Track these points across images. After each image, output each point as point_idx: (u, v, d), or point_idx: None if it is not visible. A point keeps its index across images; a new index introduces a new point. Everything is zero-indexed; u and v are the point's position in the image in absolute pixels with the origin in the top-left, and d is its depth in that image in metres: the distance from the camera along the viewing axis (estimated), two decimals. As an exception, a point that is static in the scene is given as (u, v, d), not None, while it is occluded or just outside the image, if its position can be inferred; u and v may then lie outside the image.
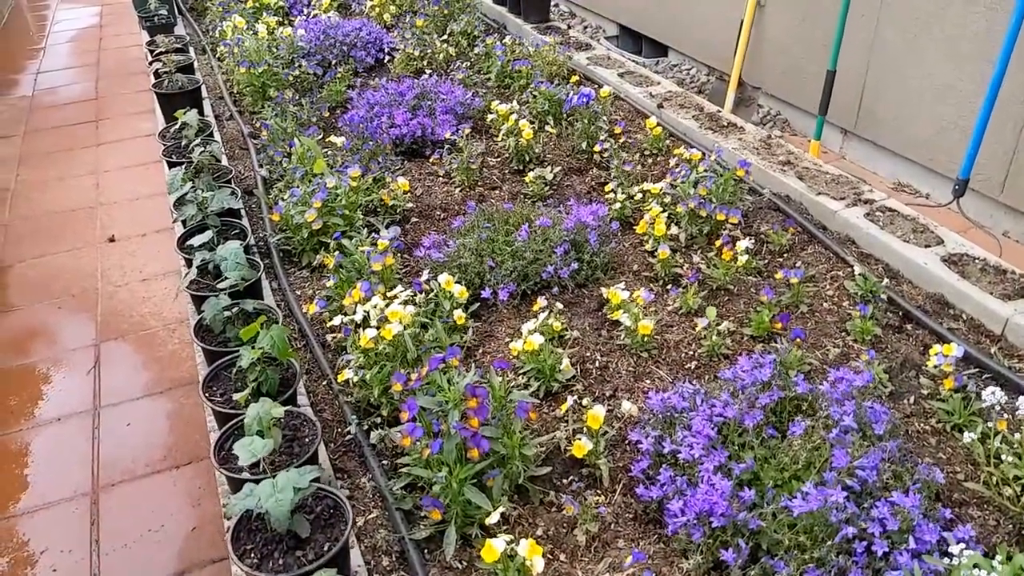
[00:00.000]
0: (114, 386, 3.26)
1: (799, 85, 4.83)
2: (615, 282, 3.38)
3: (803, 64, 4.75)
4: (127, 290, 3.91)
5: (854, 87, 4.40)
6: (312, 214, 3.42)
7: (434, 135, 4.58)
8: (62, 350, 3.51)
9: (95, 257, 4.18)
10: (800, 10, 4.69)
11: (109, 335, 3.57)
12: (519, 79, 5.23)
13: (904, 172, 4.33)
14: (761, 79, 5.14)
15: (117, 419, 3.09)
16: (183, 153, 3.95)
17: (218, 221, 3.15)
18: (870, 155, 4.51)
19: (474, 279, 3.29)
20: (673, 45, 6.07)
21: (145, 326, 3.63)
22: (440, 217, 4.00)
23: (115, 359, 3.44)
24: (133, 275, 4.01)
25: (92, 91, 6.37)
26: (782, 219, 3.79)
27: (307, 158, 4.00)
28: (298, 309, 3.25)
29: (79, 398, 3.21)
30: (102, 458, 2.91)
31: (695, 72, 5.93)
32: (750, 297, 3.27)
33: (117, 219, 4.51)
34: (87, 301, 3.84)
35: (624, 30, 6.50)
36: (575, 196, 4.12)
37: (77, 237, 4.38)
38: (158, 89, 4.73)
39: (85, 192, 4.83)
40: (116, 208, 4.64)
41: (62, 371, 3.39)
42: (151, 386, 3.26)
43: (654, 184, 3.90)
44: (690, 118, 4.67)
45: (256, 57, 5.00)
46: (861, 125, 4.44)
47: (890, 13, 4.12)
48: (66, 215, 4.60)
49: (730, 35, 5.25)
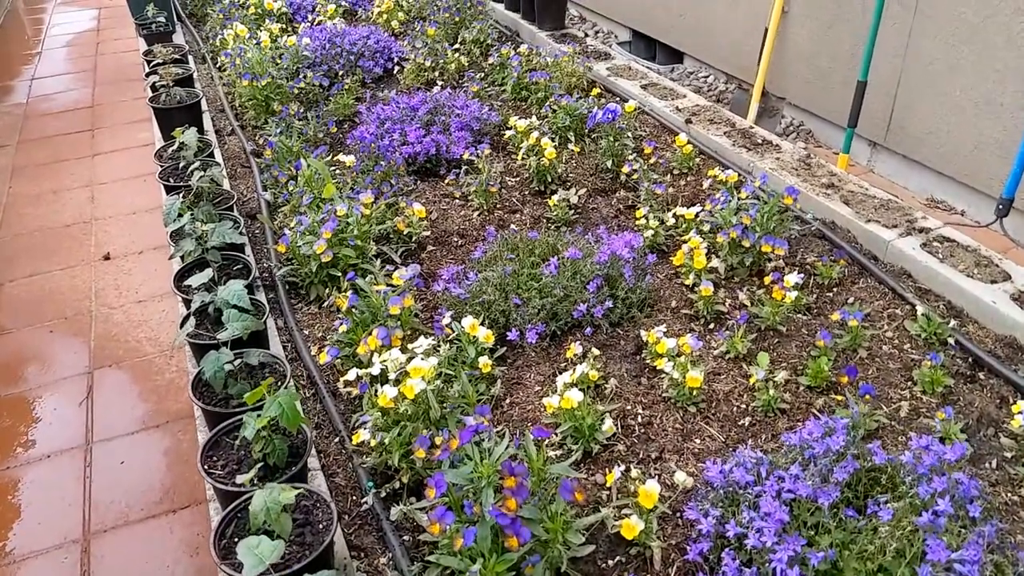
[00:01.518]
0: (108, 419, 3.06)
1: (825, 95, 4.60)
2: (652, 320, 3.10)
3: (829, 73, 4.52)
4: (122, 312, 3.69)
5: (885, 98, 4.18)
6: (321, 245, 3.14)
7: (449, 153, 4.29)
8: (53, 378, 3.30)
9: (89, 276, 3.97)
10: (826, 17, 4.47)
11: (103, 362, 3.37)
12: (536, 92, 4.95)
13: (937, 188, 4.10)
14: (784, 89, 4.89)
15: (110, 456, 2.89)
16: (181, 176, 3.66)
17: (219, 256, 2.86)
18: (900, 169, 4.28)
19: (498, 318, 3.01)
20: (689, 52, 5.83)
21: (141, 352, 3.40)
22: (458, 244, 3.71)
23: (109, 389, 3.23)
24: (129, 296, 3.80)
25: (88, 98, 6.14)
26: (829, 248, 3.50)
27: (315, 180, 3.72)
28: (307, 352, 2.96)
29: (71, 432, 3.01)
30: (94, 500, 2.72)
31: (712, 80, 5.67)
32: (802, 339, 2.98)
33: (113, 235, 4.31)
34: (80, 324, 3.62)
35: (637, 35, 6.26)
36: (602, 220, 3.84)
37: (71, 255, 4.17)
38: (155, 104, 4.45)
39: (80, 206, 4.61)
40: (112, 223, 4.42)
41: (53, 401, 3.18)
42: (147, 419, 3.05)
43: (688, 208, 3.62)
44: (721, 135, 4.39)
45: (259, 69, 4.72)
46: (892, 138, 4.22)
47: (926, 22, 3.89)
48: (60, 231, 4.38)
49: (751, 42, 5.02)
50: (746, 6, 5.05)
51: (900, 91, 4.09)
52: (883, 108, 4.21)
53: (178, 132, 3.60)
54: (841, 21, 4.38)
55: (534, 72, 5.01)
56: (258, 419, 1.98)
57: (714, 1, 5.32)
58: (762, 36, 4.81)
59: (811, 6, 4.55)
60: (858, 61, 4.20)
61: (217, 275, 2.90)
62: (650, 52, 6.18)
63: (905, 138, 4.14)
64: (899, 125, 4.15)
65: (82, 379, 3.29)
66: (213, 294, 2.62)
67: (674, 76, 5.80)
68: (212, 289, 2.67)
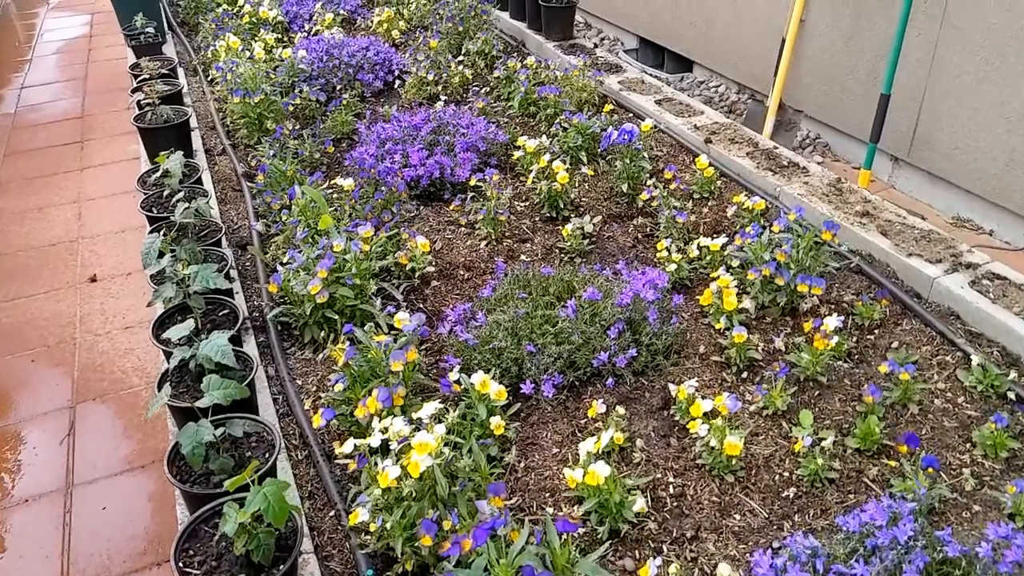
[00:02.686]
0: (90, 458, 2.86)
1: (843, 108, 4.38)
2: (679, 369, 2.83)
3: (849, 85, 4.30)
4: (108, 340, 3.46)
5: (908, 112, 3.95)
6: (316, 285, 2.86)
7: (454, 176, 4.02)
8: (34, 412, 3.09)
9: (75, 300, 3.74)
10: (846, 27, 4.24)
11: (86, 395, 3.16)
12: (546, 108, 4.68)
13: (964, 206, 3.86)
14: (800, 101, 4.67)
15: (92, 501, 2.69)
16: (166, 205, 3.39)
17: (202, 302, 2.59)
18: (924, 186, 4.05)
19: (510, 367, 2.74)
20: (700, 60, 5.59)
21: (126, 384, 3.18)
22: (464, 278, 3.44)
23: (92, 425, 3.02)
24: (115, 322, 3.58)
25: (78, 108, 5.92)
26: (867, 284, 3.23)
27: (310, 209, 3.45)
28: (300, 407, 2.69)
29: (51, 474, 2.80)
30: (73, 552, 2.50)
31: (724, 90, 5.42)
32: (845, 391, 2.71)
33: (100, 255, 4.07)
34: (63, 353, 3.40)
35: (644, 43, 6.03)
36: (619, 250, 3.57)
37: (56, 276, 3.95)
38: (140, 123, 4.17)
39: (66, 224, 4.39)
40: (99, 242, 4.20)
41: (33, 439, 2.98)
42: (131, 459, 2.84)
43: (712, 239, 3.35)
44: (744, 155, 4.12)
45: (252, 85, 4.45)
46: (915, 153, 3.99)
47: (953, 32, 3.65)
48: (45, 251, 4.16)
49: (765, 52, 4.79)
50: (760, 14, 4.84)
51: (925, 104, 3.88)
52: (906, 122, 3.99)
53: (162, 157, 3.32)
54: (861, 31, 4.16)
55: (542, 86, 4.74)
56: (240, 511, 1.71)
57: (726, 9, 5.10)
58: (778, 47, 4.56)
59: (830, 15, 4.33)
60: (880, 72, 3.99)
61: (200, 322, 2.63)
62: (657, 60, 5.94)
63: (930, 154, 3.93)
64: (923, 140, 3.94)
65: (64, 414, 3.07)
66: (195, 347, 2.34)
67: (684, 85, 5.55)
68: (193, 341, 2.40)
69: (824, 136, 4.68)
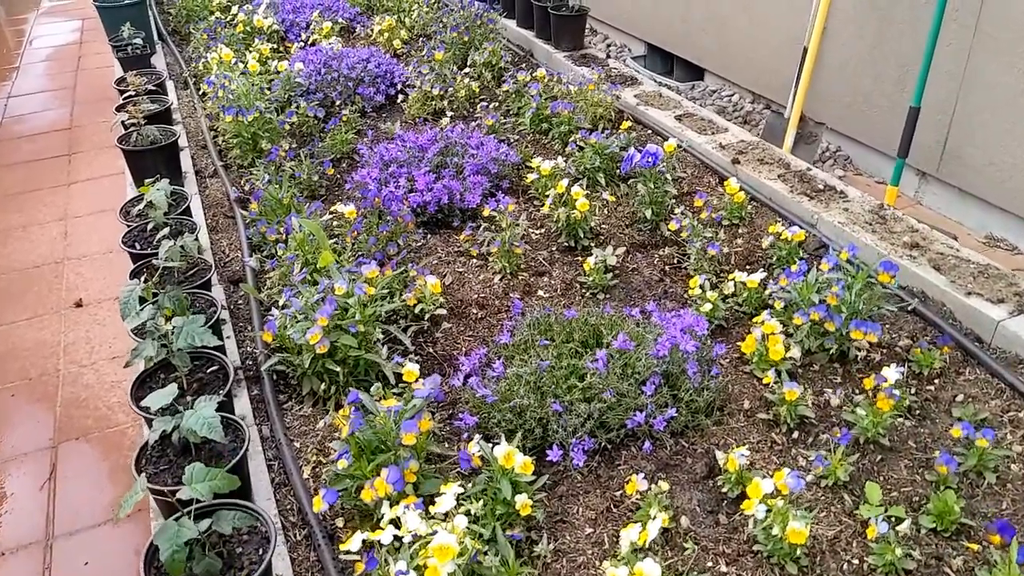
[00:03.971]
0: (72, 506, 2.63)
1: (867, 120, 4.16)
2: (723, 429, 2.53)
3: (873, 97, 4.08)
4: (93, 372, 3.22)
5: (938, 125, 3.73)
6: (316, 334, 2.56)
7: (463, 202, 3.72)
8: (13, 453, 2.86)
9: (58, 327, 3.49)
10: (870, 36, 4.00)
11: (69, 433, 2.93)
12: (559, 125, 4.38)
13: (997, 224, 3.64)
14: (820, 112, 4.42)
15: (73, 555, 2.47)
16: (150, 240, 3.09)
17: (187, 359, 2.28)
18: (953, 202, 3.83)
19: (534, 427, 2.44)
20: (712, 68, 5.34)
21: (111, 421, 2.95)
22: (477, 316, 3.14)
23: (75, 467, 2.79)
24: (102, 351, 3.34)
25: (67, 119, 5.65)
26: (922, 327, 2.94)
27: (308, 243, 3.15)
28: (297, 475, 2.39)
29: (29, 524, 2.58)
30: None
31: (738, 99, 5.16)
32: (910, 455, 2.42)
33: (86, 278, 3.82)
34: (46, 387, 3.16)
35: (652, 49, 5.78)
36: (644, 285, 3.28)
37: (39, 301, 3.69)
38: (124, 144, 3.87)
39: (51, 244, 4.12)
40: (86, 264, 3.93)
41: (12, 483, 2.74)
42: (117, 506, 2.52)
43: (747, 273, 3.06)
44: (775, 178, 3.82)
45: (245, 102, 4.15)
46: (945, 169, 3.77)
47: (987, 42, 3.41)
48: (28, 273, 3.90)
49: (783, 61, 4.56)
50: (777, 21, 4.60)
51: (956, 118, 3.65)
52: (935, 136, 3.76)
53: (146, 187, 3.02)
54: (887, 40, 3.92)
55: (555, 102, 4.44)
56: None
57: (740, 15, 4.85)
58: (797, 55, 4.32)
59: (853, 24, 4.09)
60: (906, 83, 3.78)
61: (186, 381, 2.32)
62: (666, 66, 5.70)
63: (960, 169, 3.70)
64: (954, 155, 3.71)
65: (45, 455, 2.84)
66: (178, 418, 2.04)
67: (695, 94, 5.29)
68: (177, 409, 2.10)
69: (845, 149, 4.46)
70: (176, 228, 3.13)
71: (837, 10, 4.10)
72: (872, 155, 4.25)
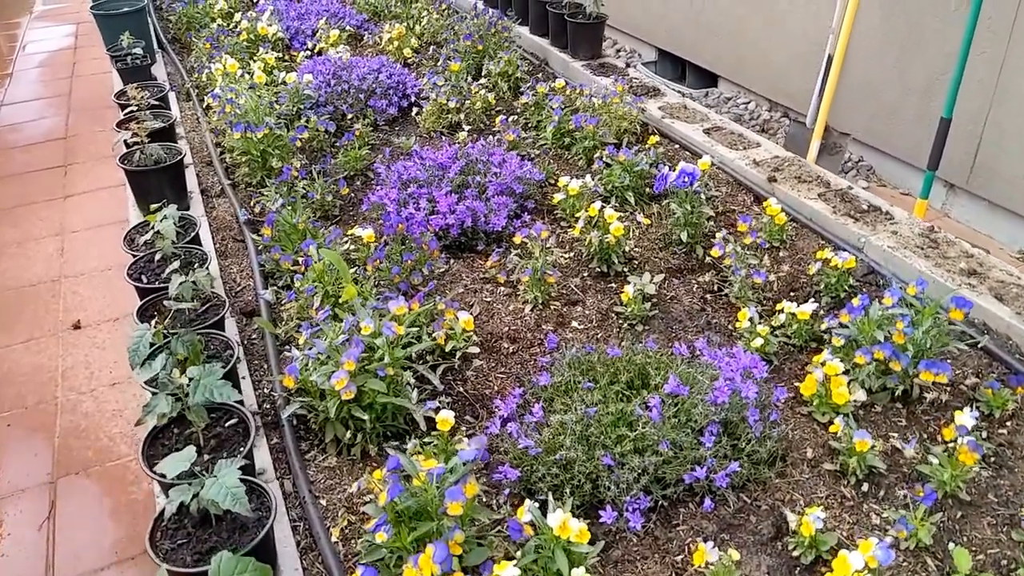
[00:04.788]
0: (73, 548, 2.45)
1: (891, 130, 4.02)
2: (787, 481, 2.33)
3: (898, 106, 3.95)
4: (93, 399, 3.03)
5: (968, 136, 3.60)
6: (342, 379, 2.35)
7: (488, 224, 3.51)
8: (9, 489, 2.69)
9: (56, 351, 3.30)
10: (897, 41, 3.87)
11: (69, 467, 2.75)
12: (583, 140, 4.18)
13: None
14: (844, 122, 4.26)
15: None
16: (158, 272, 2.87)
17: (204, 414, 2.07)
18: (983, 215, 3.70)
19: (582, 482, 2.23)
20: (726, 75, 5.18)
21: (113, 453, 2.78)
22: (509, 351, 2.94)
23: (75, 505, 2.61)
24: (102, 377, 3.14)
25: (62, 127, 5.43)
26: (987, 362, 2.75)
27: (328, 272, 2.94)
28: (325, 538, 2.18)
29: (28, 568, 2.39)
30: None
31: (754, 107, 5.00)
32: (991, 511, 2.22)
33: (84, 297, 3.63)
34: (44, 416, 2.97)
35: (663, 55, 5.61)
36: (685, 315, 3.08)
37: (36, 323, 3.49)
38: (127, 165, 3.65)
39: (47, 261, 3.92)
40: (84, 282, 3.73)
41: (8, 523, 2.56)
42: (119, 548, 2.44)
43: (796, 303, 2.86)
44: (815, 197, 3.63)
45: (254, 118, 3.93)
46: (975, 181, 3.63)
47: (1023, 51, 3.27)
48: (24, 293, 3.70)
49: (803, 68, 4.41)
50: (796, 26, 4.44)
51: (987, 129, 3.52)
52: (966, 147, 3.62)
53: (153, 216, 2.81)
54: (914, 46, 3.77)
55: (577, 115, 4.24)
56: None
57: (757, 19, 4.69)
58: (819, 63, 4.15)
59: (879, 31, 3.94)
60: (934, 93, 3.68)
61: (202, 438, 2.11)
62: (677, 72, 5.53)
63: (992, 181, 3.56)
64: (985, 166, 3.56)
65: (43, 491, 2.66)
66: (197, 484, 1.83)
67: (709, 102, 5.11)
68: (194, 472, 1.89)
69: (868, 159, 4.32)
70: (185, 258, 2.91)
71: (861, 17, 3.93)
72: (896, 166, 4.11)
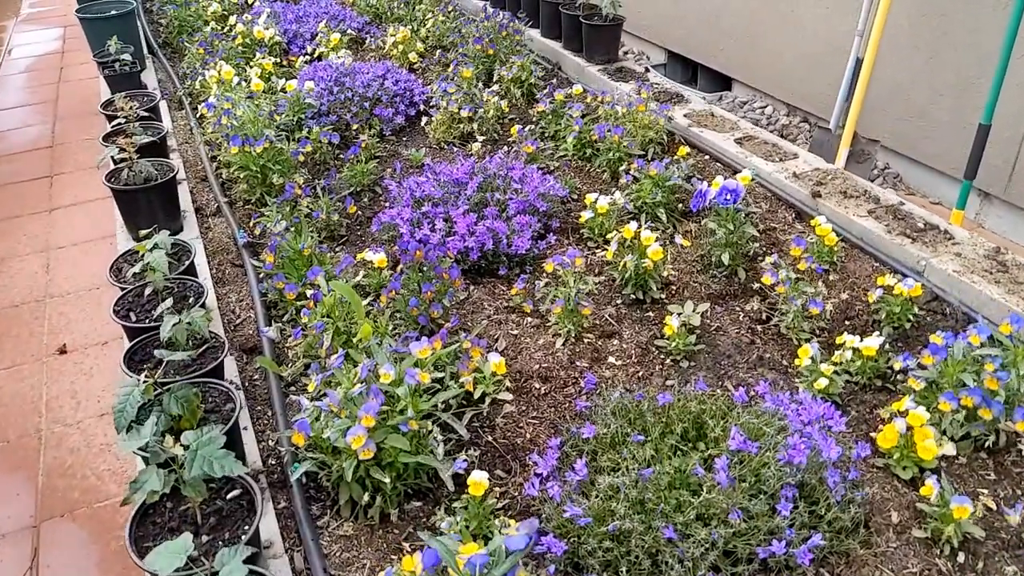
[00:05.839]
0: None
1: (921, 136, 3.80)
2: (873, 553, 2.03)
3: (930, 111, 3.72)
4: (79, 432, 2.80)
5: (1006, 144, 3.39)
6: (360, 436, 2.05)
7: (510, 247, 3.21)
8: None
9: (40, 378, 3.06)
10: (928, 45, 3.63)
11: (54, 509, 2.51)
12: (607, 151, 3.88)
13: None
14: (871, 128, 4.00)
15: None
16: (149, 309, 2.55)
17: (202, 489, 1.76)
18: (1019, 225, 3.52)
19: (640, 557, 1.93)
20: (741, 78, 4.93)
21: (102, 493, 2.55)
22: (540, 392, 2.63)
23: (60, 553, 2.38)
24: (89, 407, 2.90)
25: (48, 135, 5.15)
26: (1080, 404, 2.46)
27: (338, 305, 2.63)
28: (346, 630, 1.87)
29: None
30: None
31: (772, 112, 4.75)
32: (1114, 588, 1.93)
33: (71, 319, 3.37)
34: (26, 451, 2.73)
35: (673, 57, 5.37)
36: (734, 348, 2.78)
37: (18, 347, 3.23)
38: (114, 183, 3.33)
39: (32, 280, 3.65)
40: (70, 303, 3.47)
41: None
42: None
43: (857, 336, 2.57)
44: (865, 214, 3.33)
45: (252, 130, 3.61)
46: (1013, 190, 3.43)
47: None
48: (6, 314, 3.45)
49: (826, 71, 4.19)
50: (820, 28, 4.19)
51: None
52: (1003, 154, 3.41)
53: (142, 246, 2.49)
54: (947, 48, 3.53)
55: (599, 124, 3.93)
56: None
57: (778, 22, 4.43)
58: (846, 67, 3.89)
59: (907, 32, 3.70)
60: (967, 97, 3.47)
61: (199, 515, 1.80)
62: (687, 75, 5.28)
63: None
64: None
65: (26, 536, 2.43)
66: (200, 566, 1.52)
67: (724, 105, 4.82)
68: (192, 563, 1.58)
69: (894, 166, 4.09)
70: (179, 291, 2.59)
71: (890, 17, 3.66)
72: (925, 173, 3.88)
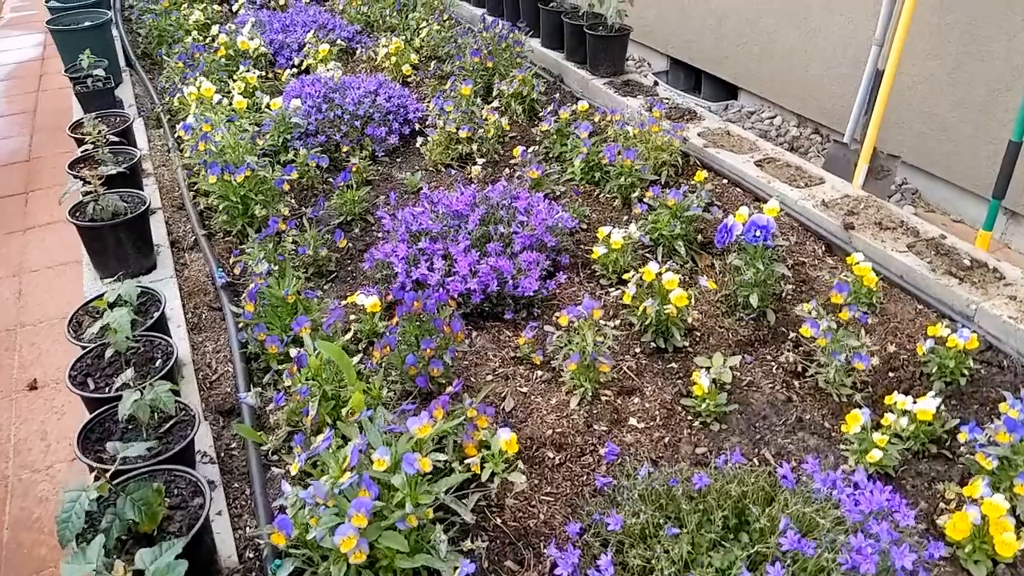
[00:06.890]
0: None
1: (943, 151, 3.62)
2: (951, 674, 1.74)
3: (952, 124, 3.54)
4: (49, 479, 2.57)
5: None
6: (350, 537, 1.75)
7: (516, 288, 2.91)
8: None
9: (8, 416, 2.84)
10: (950, 56, 3.44)
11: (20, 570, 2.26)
12: (617, 176, 3.58)
13: None
14: (889, 142, 3.78)
15: None
16: (109, 373, 2.24)
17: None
18: None
19: None
20: (748, 87, 4.70)
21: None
22: (554, 463, 2.33)
23: None
24: (60, 451, 2.68)
25: (24, 149, 4.91)
26: None
27: (326, 366, 2.33)
28: None
29: None
30: None
31: (781, 123, 4.53)
32: None
33: (43, 350, 3.16)
34: None
35: (675, 64, 5.16)
36: (769, 407, 2.49)
37: None
38: (78, 219, 3.01)
39: (3, 306, 3.45)
40: (42, 332, 3.26)
41: None
42: None
43: (911, 398, 2.28)
44: (904, 249, 3.05)
45: (233, 156, 3.30)
46: None
47: None
48: None
49: (840, 81, 4.01)
50: (836, 36, 3.97)
51: None
52: None
53: (103, 301, 2.18)
54: (973, 58, 3.33)
55: (609, 145, 3.63)
56: None
57: (789, 30, 4.21)
58: (862, 77, 3.65)
59: (928, 41, 3.50)
60: (994, 109, 3.30)
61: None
62: (690, 83, 5.06)
63: None
64: None
65: None
66: None
67: (730, 116, 4.57)
68: None
69: (912, 181, 3.90)
70: (145, 351, 2.28)
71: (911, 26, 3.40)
72: (946, 189, 3.68)
